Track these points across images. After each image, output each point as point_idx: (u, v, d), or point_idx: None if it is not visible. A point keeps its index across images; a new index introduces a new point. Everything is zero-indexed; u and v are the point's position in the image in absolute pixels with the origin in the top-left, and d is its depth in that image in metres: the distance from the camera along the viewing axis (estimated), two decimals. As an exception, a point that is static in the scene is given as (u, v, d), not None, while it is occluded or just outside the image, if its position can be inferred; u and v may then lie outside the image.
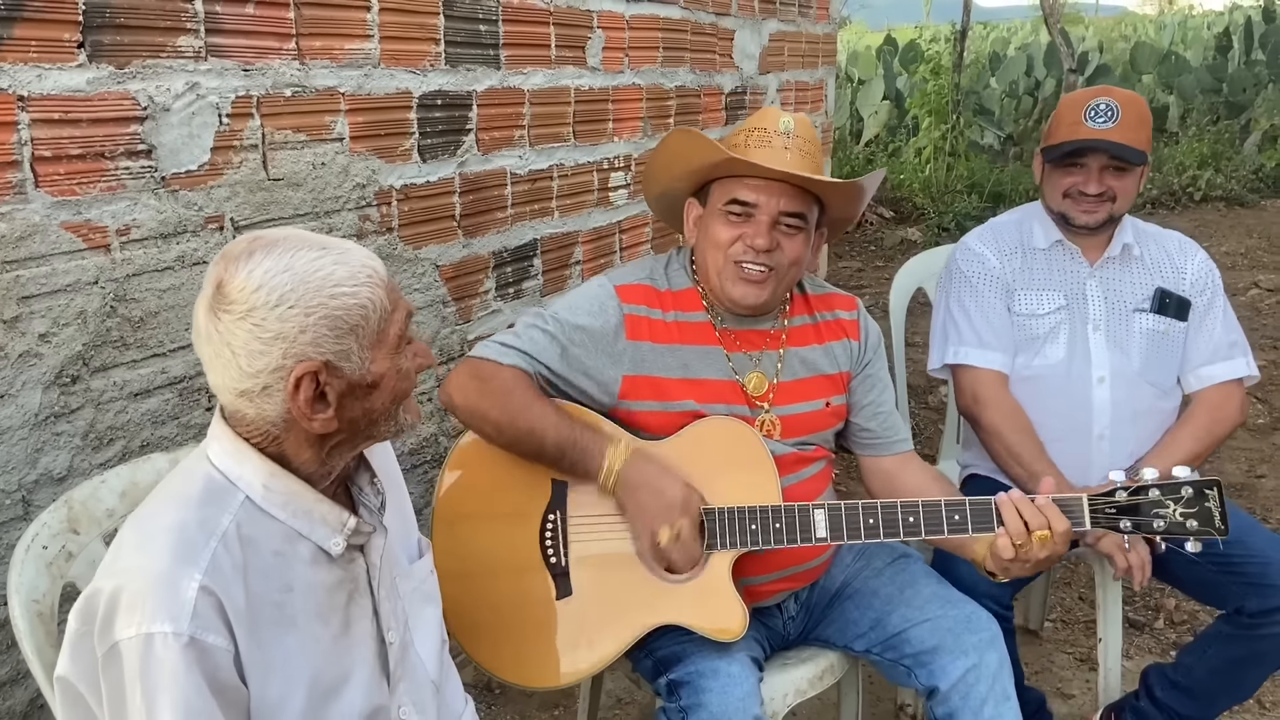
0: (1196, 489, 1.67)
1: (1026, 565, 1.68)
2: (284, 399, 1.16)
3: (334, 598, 1.27)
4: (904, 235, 8.04)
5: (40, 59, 1.60)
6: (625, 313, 1.82)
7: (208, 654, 1.10)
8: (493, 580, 1.77)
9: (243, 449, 1.20)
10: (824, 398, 1.91)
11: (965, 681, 1.76)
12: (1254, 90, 11.77)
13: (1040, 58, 12.35)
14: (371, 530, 1.31)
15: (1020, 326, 2.28)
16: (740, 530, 1.73)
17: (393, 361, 1.23)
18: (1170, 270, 2.30)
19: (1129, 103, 2.19)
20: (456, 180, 2.52)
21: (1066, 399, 2.24)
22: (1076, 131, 2.18)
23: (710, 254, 1.83)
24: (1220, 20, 21.43)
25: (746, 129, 1.82)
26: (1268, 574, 2.07)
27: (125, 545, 1.17)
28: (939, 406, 4.42)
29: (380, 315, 1.20)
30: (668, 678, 1.74)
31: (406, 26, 2.29)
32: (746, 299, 1.81)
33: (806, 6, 4.62)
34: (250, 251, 1.15)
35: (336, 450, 1.25)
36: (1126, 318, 2.26)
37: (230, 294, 1.14)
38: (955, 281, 2.35)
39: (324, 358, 1.16)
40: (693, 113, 3.65)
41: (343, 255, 1.19)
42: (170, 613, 1.09)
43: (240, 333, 1.13)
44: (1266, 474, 4.03)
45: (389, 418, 1.26)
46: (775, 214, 1.78)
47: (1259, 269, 7.12)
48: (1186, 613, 3.07)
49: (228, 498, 1.19)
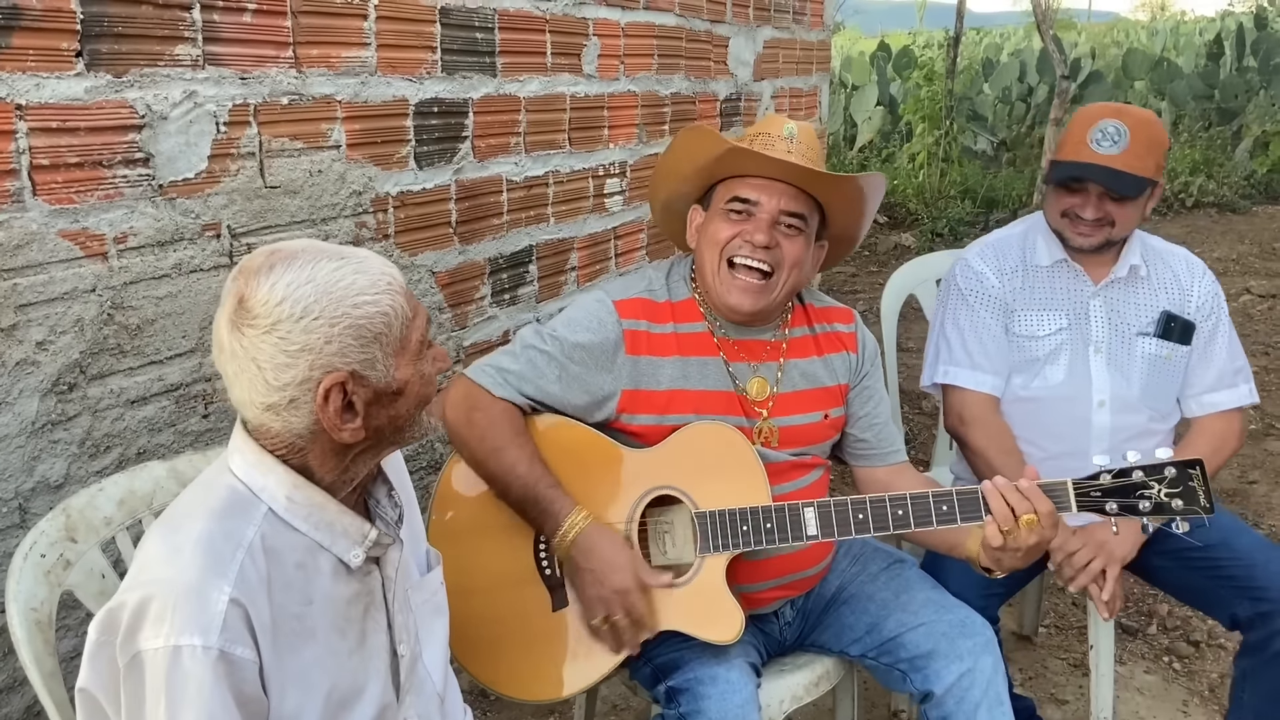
0: (1180, 469, 1.67)
1: (1018, 554, 1.67)
2: (311, 410, 1.16)
3: (351, 610, 1.27)
4: (898, 240, 8.07)
5: (38, 68, 1.60)
6: (624, 328, 1.82)
7: (236, 667, 1.10)
8: (489, 595, 1.77)
9: (267, 460, 1.20)
10: (822, 410, 1.91)
11: (960, 686, 1.77)
12: (1245, 97, 11.81)
13: (1033, 64, 12.38)
14: (390, 542, 1.31)
15: (1019, 348, 2.26)
16: (732, 532, 1.73)
17: (415, 367, 1.23)
18: (1176, 292, 2.25)
19: (1140, 126, 2.12)
20: (452, 187, 2.53)
21: (1065, 421, 2.22)
22: (1080, 153, 2.13)
23: (708, 253, 1.83)
24: (1212, 27, 21.55)
25: (751, 133, 1.83)
26: (1255, 576, 2.08)
27: (150, 558, 1.16)
28: (932, 412, 4.43)
29: (402, 322, 1.21)
30: (666, 684, 1.74)
31: (403, 35, 2.30)
32: (743, 305, 1.81)
33: (801, 13, 4.64)
34: (270, 265, 1.15)
35: (360, 458, 1.25)
36: (1129, 341, 2.23)
37: (253, 308, 1.13)
38: (952, 299, 2.33)
39: (350, 367, 1.16)
40: (688, 119, 3.66)
41: (362, 264, 1.19)
42: (200, 625, 1.08)
43: (266, 346, 1.13)
44: (1258, 480, 4.05)
45: (413, 422, 1.27)
46: (776, 212, 1.78)
47: (1250, 275, 7.15)
48: (1179, 618, 3.08)
49: (251, 509, 1.19)
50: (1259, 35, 13.22)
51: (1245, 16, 17.06)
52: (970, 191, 9.12)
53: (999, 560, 1.70)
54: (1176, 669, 2.88)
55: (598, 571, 1.68)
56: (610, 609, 1.68)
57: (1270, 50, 12.60)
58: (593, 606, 1.70)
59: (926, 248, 7.82)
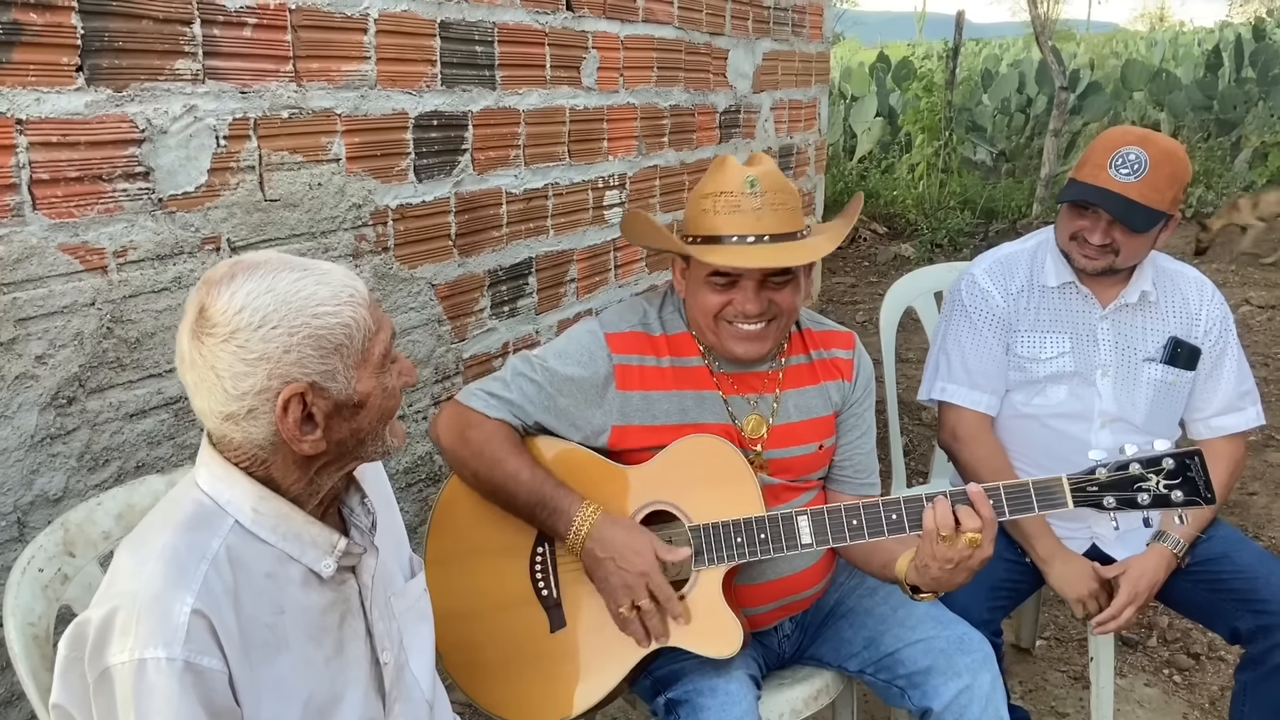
0: (1178, 460, 1.64)
1: (949, 567, 1.62)
2: (270, 421, 1.16)
3: (326, 619, 1.27)
4: (897, 251, 8.08)
5: (39, 82, 1.61)
6: (615, 363, 1.80)
7: (203, 677, 1.10)
8: (487, 617, 1.77)
9: (232, 473, 1.21)
10: (817, 441, 1.90)
11: (958, 703, 1.76)
12: (1244, 107, 11.84)
13: (1032, 74, 12.43)
14: (362, 551, 1.31)
15: (1019, 367, 2.24)
16: (726, 544, 1.73)
17: (378, 380, 1.23)
18: (1185, 317, 2.22)
19: (1162, 159, 2.05)
20: (452, 200, 2.54)
21: (1066, 440, 2.21)
22: (1098, 176, 2.07)
23: (702, 319, 1.80)
24: (1211, 37, 21.62)
25: (712, 193, 1.73)
26: (1256, 589, 2.07)
27: (116, 572, 1.17)
28: (932, 424, 4.43)
29: (364, 334, 1.21)
30: (666, 696, 1.74)
31: (403, 48, 2.31)
32: (750, 354, 1.79)
33: (800, 26, 4.65)
34: (231, 275, 1.16)
35: (324, 471, 1.26)
36: (1136, 366, 2.20)
37: (213, 317, 1.14)
38: (956, 314, 2.30)
39: (310, 378, 1.17)
40: (687, 131, 3.67)
41: (324, 276, 1.20)
42: (164, 637, 1.09)
43: (225, 355, 1.14)
44: (1258, 491, 4.05)
45: (375, 438, 1.27)
46: (760, 277, 1.74)
47: (1250, 286, 7.16)
48: (1179, 631, 3.08)
49: (217, 522, 1.20)
50: (1257, 46, 13.25)
51: (1244, 28, 17.10)
52: (969, 202, 9.14)
53: (927, 570, 1.65)
54: (1177, 682, 2.88)
55: (618, 559, 1.68)
56: (636, 594, 1.67)
57: (1269, 61, 12.64)
58: (617, 594, 1.69)
59: (926, 258, 7.83)
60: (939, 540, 1.61)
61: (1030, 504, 1.68)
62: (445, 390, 2.59)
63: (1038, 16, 9.19)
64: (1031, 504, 1.68)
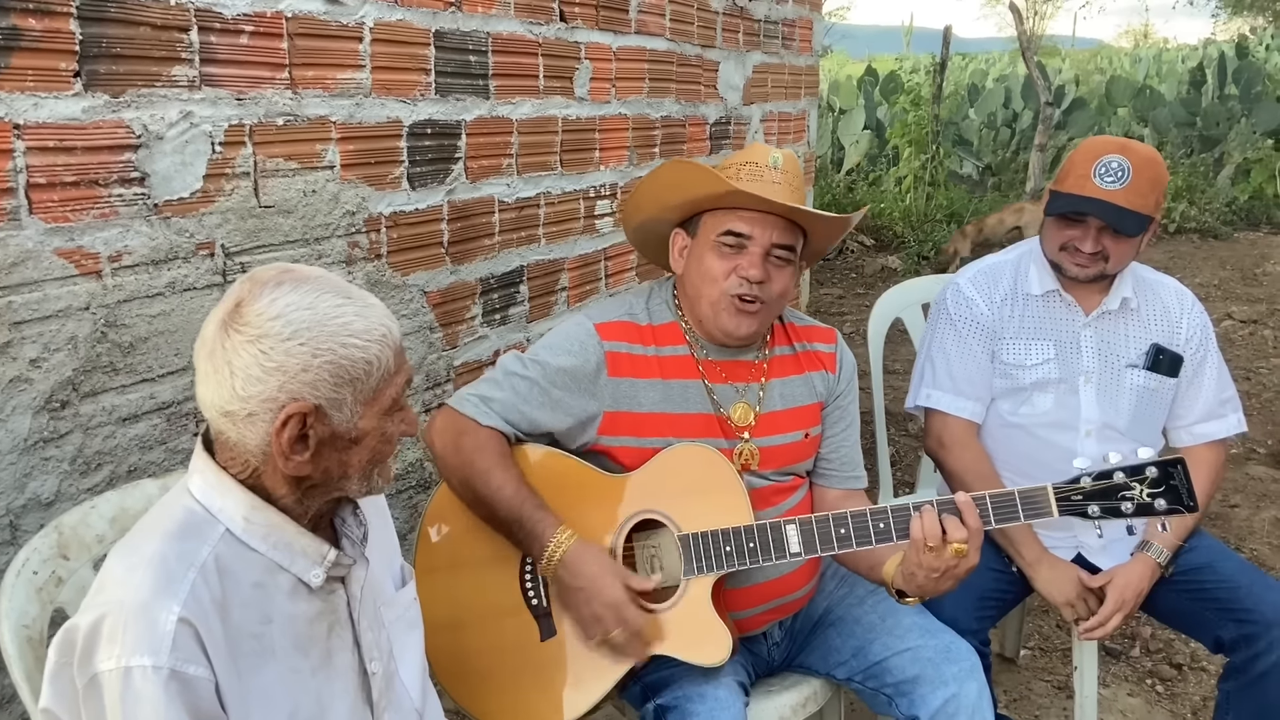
0: (1161, 469, 1.66)
1: (935, 575, 1.65)
2: (266, 431, 1.17)
3: (314, 629, 1.28)
4: (884, 263, 8.12)
5: (37, 88, 1.62)
6: (606, 350, 1.83)
7: (190, 686, 1.11)
8: (477, 627, 1.78)
9: (225, 481, 1.22)
10: (803, 429, 1.93)
11: (945, 712, 1.78)
12: (1227, 124, 11.96)
13: (1018, 90, 12.52)
14: (351, 563, 1.31)
15: (1005, 375, 2.27)
16: (715, 553, 1.74)
17: (380, 422, 1.24)
18: (1166, 325, 2.26)
19: (1144, 165, 2.10)
20: (445, 208, 2.55)
21: (1052, 449, 2.23)
22: (1083, 187, 2.11)
23: (704, 287, 1.83)
24: (1194, 55, 21.82)
25: (738, 162, 1.83)
26: (1239, 599, 2.10)
27: (106, 579, 1.18)
28: (918, 434, 4.45)
29: (382, 375, 1.22)
30: (655, 702, 1.75)
31: (398, 57, 2.32)
32: (740, 329, 1.82)
33: (790, 39, 4.69)
34: (279, 281, 1.18)
35: (312, 493, 1.26)
36: (1119, 373, 2.23)
37: (247, 315, 1.16)
38: (941, 323, 2.34)
39: (317, 401, 1.18)
40: (678, 142, 3.69)
41: (365, 309, 1.21)
42: (150, 645, 1.09)
43: (245, 355, 1.15)
44: (1240, 503, 4.09)
45: (362, 477, 1.27)
46: (768, 245, 1.80)
47: (1232, 300, 7.23)
48: (1162, 641, 3.11)
49: (208, 530, 1.20)
50: (1240, 64, 13.40)
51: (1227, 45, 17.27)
52: (956, 215, 9.20)
53: (913, 578, 1.68)
54: (1160, 691, 2.90)
55: (587, 589, 1.69)
56: (605, 624, 1.68)
57: (1251, 79, 12.78)
58: (588, 625, 1.70)
59: (913, 270, 7.88)
60: (926, 550, 1.64)
61: (1016, 513, 1.70)
62: (436, 397, 2.60)
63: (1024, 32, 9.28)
64: (1017, 513, 1.70)
